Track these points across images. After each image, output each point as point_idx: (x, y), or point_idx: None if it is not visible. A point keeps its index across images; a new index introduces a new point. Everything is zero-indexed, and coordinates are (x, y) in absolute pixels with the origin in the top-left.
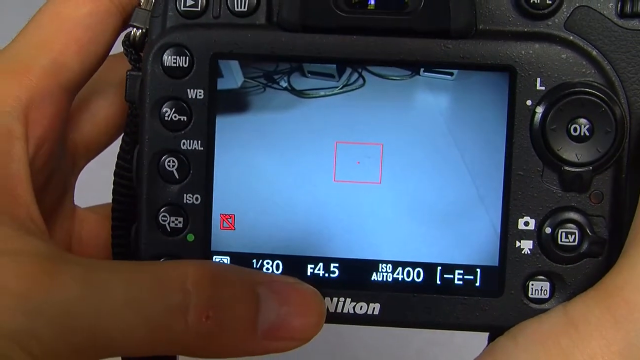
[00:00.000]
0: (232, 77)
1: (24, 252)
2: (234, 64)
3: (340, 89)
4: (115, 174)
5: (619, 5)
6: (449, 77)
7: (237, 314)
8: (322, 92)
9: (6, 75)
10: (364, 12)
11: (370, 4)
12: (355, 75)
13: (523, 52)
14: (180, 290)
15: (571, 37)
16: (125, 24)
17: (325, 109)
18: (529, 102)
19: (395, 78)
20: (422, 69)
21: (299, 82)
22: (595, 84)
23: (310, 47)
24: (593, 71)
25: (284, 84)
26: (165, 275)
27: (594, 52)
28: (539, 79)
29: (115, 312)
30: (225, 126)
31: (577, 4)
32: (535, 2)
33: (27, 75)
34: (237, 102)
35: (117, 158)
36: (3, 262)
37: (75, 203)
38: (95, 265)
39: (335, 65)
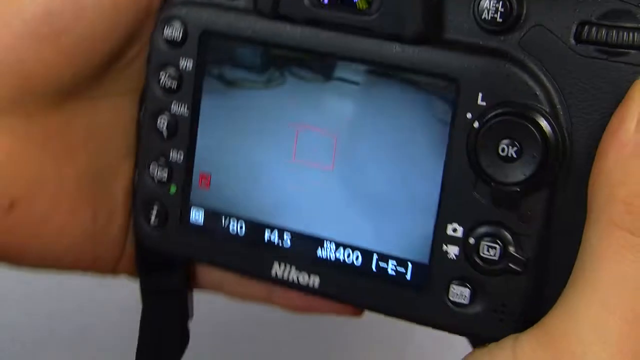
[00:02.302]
0: None
1: None
2: None
3: (264, 83)
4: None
5: (576, 30)
6: (355, 86)
7: None
8: (247, 84)
9: None
10: (329, 8)
11: (336, 2)
12: (277, 74)
13: (471, 65)
14: None
15: (522, 56)
16: None
17: (290, 94)
18: (469, 115)
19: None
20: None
21: (229, 72)
22: (535, 107)
23: (279, 35)
24: (536, 94)
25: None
26: None
27: (542, 75)
28: (480, 94)
29: None
30: (211, 95)
31: (534, 23)
32: (493, 17)
33: None
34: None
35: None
36: None
37: None
38: None
39: (260, 59)
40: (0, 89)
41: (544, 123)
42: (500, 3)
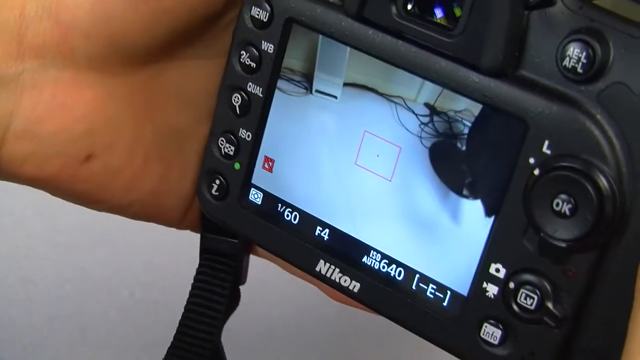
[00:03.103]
0: None
1: None
2: None
3: None
4: None
5: None
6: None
7: None
8: None
9: None
10: (415, 21)
11: (423, 16)
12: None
13: (544, 110)
14: None
15: (598, 111)
16: None
17: (357, 101)
18: (531, 160)
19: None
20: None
21: None
22: (599, 168)
23: (358, 38)
24: (604, 154)
25: None
26: None
27: (614, 135)
28: (547, 142)
29: None
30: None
31: (617, 80)
32: (574, 66)
33: None
34: None
35: None
36: None
37: None
38: None
39: None
40: (91, 46)
41: (605, 186)
42: (584, 54)
